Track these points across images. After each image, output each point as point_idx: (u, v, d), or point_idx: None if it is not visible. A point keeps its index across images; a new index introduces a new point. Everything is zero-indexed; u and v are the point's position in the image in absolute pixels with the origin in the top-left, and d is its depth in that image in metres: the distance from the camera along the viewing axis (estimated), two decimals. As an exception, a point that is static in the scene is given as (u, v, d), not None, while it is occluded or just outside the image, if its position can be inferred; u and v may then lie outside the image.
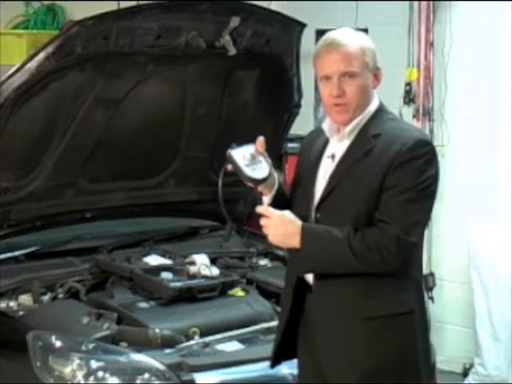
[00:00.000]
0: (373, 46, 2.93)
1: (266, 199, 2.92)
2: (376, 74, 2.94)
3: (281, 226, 2.82)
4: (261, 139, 2.97)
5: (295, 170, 3.11)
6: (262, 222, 2.85)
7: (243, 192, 4.61)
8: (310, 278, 2.90)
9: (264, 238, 3.96)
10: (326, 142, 2.96)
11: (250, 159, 2.93)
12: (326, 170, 2.91)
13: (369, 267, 2.76)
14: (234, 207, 4.65)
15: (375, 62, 2.93)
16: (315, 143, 3.01)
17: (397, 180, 2.76)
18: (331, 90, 2.83)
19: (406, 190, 2.75)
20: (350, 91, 2.83)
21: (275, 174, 2.96)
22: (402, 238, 2.72)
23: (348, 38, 2.85)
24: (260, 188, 2.91)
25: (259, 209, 2.86)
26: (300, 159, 3.12)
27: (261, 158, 2.94)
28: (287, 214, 2.84)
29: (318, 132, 3.02)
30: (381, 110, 2.94)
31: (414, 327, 2.84)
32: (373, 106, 2.92)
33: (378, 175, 2.76)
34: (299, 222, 2.82)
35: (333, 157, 2.91)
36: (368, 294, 2.79)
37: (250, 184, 2.91)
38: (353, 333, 2.81)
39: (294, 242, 2.80)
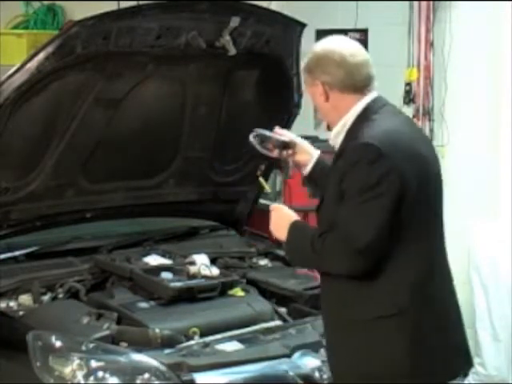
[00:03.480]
0: (318, 56, 2.94)
1: (306, 168, 3.18)
2: (321, 92, 2.95)
3: (277, 218, 3.05)
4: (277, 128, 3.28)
5: None
6: (271, 215, 3.09)
7: (243, 192, 4.63)
8: None
9: (264, 238, 4.05)
10: None
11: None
12: None
13: (331, 269, 2.84)
14: (234, 207, 4.66)
15: (314, 77, 2.95)
16: None
17: (346, 184, 2.79)
18: None
19: (349, 196, 2.77)
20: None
21: (308, 146, 3.24)
22: (345, 243, 2.74)
23: (309, 52, 2.98)
24: (293, 157, 3.20)
25: (271, 207, 3.11)
26: None
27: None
28: (285, 207, 3.07)
29: None
30: (367, 110, 2.93)
31: (402, 329, 2.80)
32: (356, 109, 2.92)
33: (338, 180, 2.82)
34: (294, 218, 2.98)
35: None
36: (350, 299, 2.84)
37: (277, 153, 3.22)
38: (340, 335, 2.88)
39: (282, 234, 2.98)
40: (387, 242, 2.76)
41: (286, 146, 3.21)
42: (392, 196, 2.75)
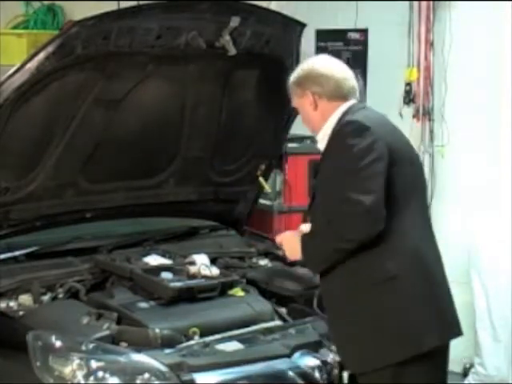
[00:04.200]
0: (307, 71, 3.31)
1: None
2: (311, 101, 3.29)
3: (289, 244, 3.31)
4: None
5: None
6: (282, 248, 3.37)
7: (243, 192, 4.63)
8: None
9: (264, 238, 4.14)
10: None
11: None
12: None
13: (348, 240, 3.01)
14: (234, 207, 4.66)
15: (304, 89, 3.29)
16: None
17: (336, 164, 3.07)
18: None
19: (344, 169, 3.03)
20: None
21: None
22: (352, 210, 2.96)
23: (296, 70, 3.37)
24: None
25: (276, 239, 3.44)
26: None
27: None
28: (292, 233, 3.35)
29: None
30: (348, 110, 3.21)
31: (399, 292, 3.04)
32: (340, 111, 3.22)
33: (328, 166, 3.13)
34: (299, 238, 3.22)
35: None
36: (354, 268, 3.07)
37: None
38: (344, 305, 3.12)
39: (299, 253, 3.21)
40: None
41: None
42: (383, 161, 3.02)
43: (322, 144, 3.24)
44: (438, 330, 3.10)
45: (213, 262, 4.00)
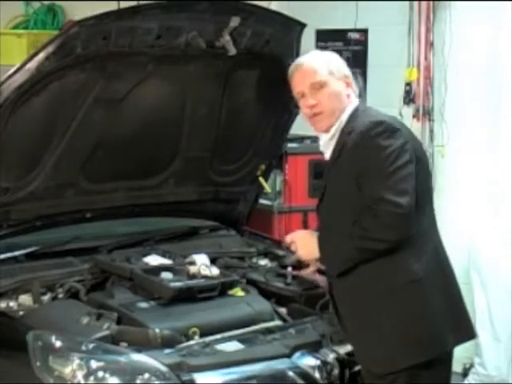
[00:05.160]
0: (337, 59, 3.29)
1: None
2: (347, 82, 3.25)
3: (304, 242, 3.28)
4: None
5: None
6: (293, 247, 3.33)
7: (243, 192, 4.63)
8: None
9: (264, 238, 4.14)
10: None
11: None
12: None
13: (379, 243, 3.00)
14: (234, 207, 4.66)
15: (342, 71, 3.25)
16: None
17: (365, 163, 3.01)
18: (307, 101, 3.22)
19: (379, 170, 2.99)
20: (323, 99, 3.20)
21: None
22: (392, 211, 2.94)
23: (312, 56, 3.29)
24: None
25: (286, 239, 3.38)
26: None
27: None
28: (306, 232, 3.37)
29: None
30: (357, 109, 3.21)
31: (424, 294, 3.06)
32: (349, 109, 3.21)
33: (353, 167, 3.05)
34: (315, 236, 3.22)
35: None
36: (378, 271, 3.06)
37: None
38: (365, 308, 3.10)
39: (314, 252, 3.20)
40: None
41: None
42: (413, 163, 3.03)
43: (325, 147, 3.24)
44: (454, 331, 3.13)
45: (213, 262, 4.00)
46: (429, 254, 3.12)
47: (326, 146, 3.24)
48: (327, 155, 3.25)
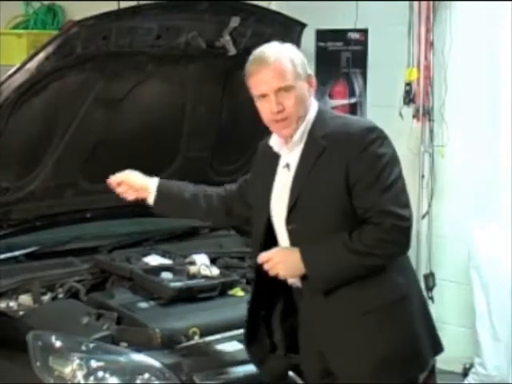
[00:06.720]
0: (301, 56, 2.95)
1: (149, 201, 3.33)
2: (309, 81, 2.96)
3: (286, 258, 2.89)
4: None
5: (250, 182, 3.20)
6: (267, 266, 2.91)
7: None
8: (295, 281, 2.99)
9: None
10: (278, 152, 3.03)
11: None
12: (284, 180, 2.96)
13: (377, 261, 2.83)
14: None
15: (306, 70, 2.95)
16: (267, 154, 3.06)
17: (361, 172, 2.80)
18: (270, 107, 2.89)
19: (376, 179, 2.80)
20: (288, 105, 2.87)
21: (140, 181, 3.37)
22: (397, 225, 2.79)
23: (276, 53, 2.92)
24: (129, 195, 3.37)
25: (260, 258, 2.93)
26: (254, 170, 3.19)
27: None
28: (283, 248, 2.95)
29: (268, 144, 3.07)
30: (321, 111, 2.97)
31: (410, 312, 2.92)
32: (313, 111, 2.95)
33: (340, 173, 2.81)
34: (297, 250, 2.88)
35: (288, 166, 2.96)
36: (360, 289, 2.86)
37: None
38: (353, 329, 2.88)
39: (299, 269, 2.87)
40: None
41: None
42: (401, 174, 2.88)
43: (298, 146, 2.93)
44: (431, 346, 3.01)
45: (213, 262, 4.00)
46: (409, 267, 3.01)
47: (290, 148, 2.95)
48: (286, 158, 2.97)
